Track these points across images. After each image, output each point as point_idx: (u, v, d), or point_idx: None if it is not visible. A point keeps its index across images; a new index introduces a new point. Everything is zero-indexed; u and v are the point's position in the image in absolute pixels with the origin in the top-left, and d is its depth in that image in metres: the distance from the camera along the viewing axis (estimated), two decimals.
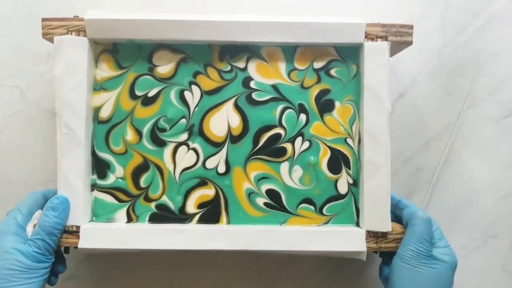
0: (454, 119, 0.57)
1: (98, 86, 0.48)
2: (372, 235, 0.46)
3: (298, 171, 0.48)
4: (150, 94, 0.48)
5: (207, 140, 0.48)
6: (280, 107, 0.48)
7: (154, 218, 0.48)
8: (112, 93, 0.48)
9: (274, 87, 0.48)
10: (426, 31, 0.57)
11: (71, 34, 0.46)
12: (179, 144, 0.48)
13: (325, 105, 0.49)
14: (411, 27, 0.47)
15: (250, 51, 0.48)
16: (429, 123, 0.57)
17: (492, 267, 0.56)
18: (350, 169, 0.48)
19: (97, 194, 0.48)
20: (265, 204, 0.48)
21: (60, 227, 0.44)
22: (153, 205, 0.48)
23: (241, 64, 0.49)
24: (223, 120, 0.48)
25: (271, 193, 0.48)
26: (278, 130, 0.48)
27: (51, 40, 0.46)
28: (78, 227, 0.45)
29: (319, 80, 0.49)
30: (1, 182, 0.55)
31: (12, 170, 0.55)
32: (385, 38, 0.47)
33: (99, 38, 0.47)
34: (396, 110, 0.57)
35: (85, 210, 0.46)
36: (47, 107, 0.56)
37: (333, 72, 0.49)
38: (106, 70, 0.48)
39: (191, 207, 0.48)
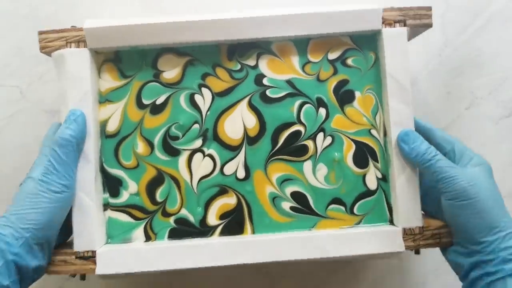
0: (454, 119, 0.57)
1: (103, 98, 0.45)
2: (409, 233, 0.43)
3: (322, 169, 0.45)
4: (158, 102, 0.45)
5: (223, 144, 0.45)
6: (297, 103, 0.45)
7: (174, 234, 0.45)
8: (118, 104, 0.45)
9: (289, 82, 0.46)
10: (426, 31, 0.55)
11: (70, 46, 0.43)
12: (194, 152, 0.45)
13: (344, 97, 0.46)
14: (430, 8, 0.44)
15: (260, 47, 0.46)
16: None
17: None
18: (378, 162, 0.45)
19: (111, 213, 0.45)
20: (292, 208, 0.45)
21: (68, 137, 0.41)
22: (172, 219, 0.45)
23: (251, 62, 0.46)
24: (238, 122, 0.45)
25: (296, 196, 0.45)
26: (297, 127, 0.45)
27: (49, 54, 0.43)
28: (93, 251, 0.42)
29: (335, 72, 0.46)
30: (1, 182, 0.55)
31: (12, 170, 0.55)
32: (403, 22, 0.44)
33: (100, 48, 0.44)
34: None
35: (99, 232, 0.43)
36: (47, 107, 0.55)
37: (349, 61, 0.46)
38: (109, 81, 0.45)
39: (212, 219, 0.45)
